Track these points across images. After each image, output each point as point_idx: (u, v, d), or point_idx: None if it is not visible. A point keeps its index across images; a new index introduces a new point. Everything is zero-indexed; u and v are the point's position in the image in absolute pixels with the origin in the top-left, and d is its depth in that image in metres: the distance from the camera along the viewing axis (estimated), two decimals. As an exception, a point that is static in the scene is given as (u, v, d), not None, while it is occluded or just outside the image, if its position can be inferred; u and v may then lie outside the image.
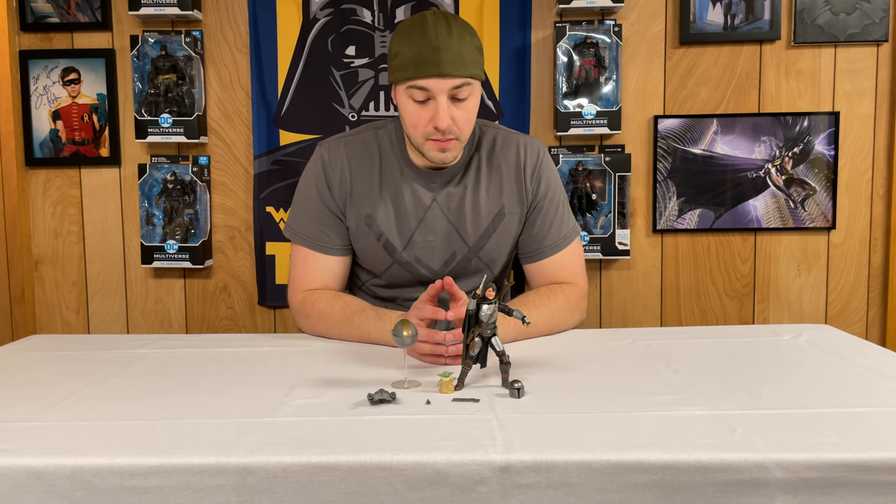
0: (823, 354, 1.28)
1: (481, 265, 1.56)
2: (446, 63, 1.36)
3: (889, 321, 2.24)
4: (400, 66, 1.39)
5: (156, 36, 2.20)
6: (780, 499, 0.83)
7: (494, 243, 1.54)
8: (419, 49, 1.36)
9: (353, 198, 1.52)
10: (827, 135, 2.19)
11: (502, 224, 1.54)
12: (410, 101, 1.41)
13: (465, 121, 1.42)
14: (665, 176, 2.22)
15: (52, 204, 2.30)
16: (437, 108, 1.38)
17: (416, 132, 1.43)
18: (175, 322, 2.33)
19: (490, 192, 1.53)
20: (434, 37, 1.36)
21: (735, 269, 2.26)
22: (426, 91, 1.38)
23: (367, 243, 1.53)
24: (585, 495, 0.83)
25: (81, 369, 1.24)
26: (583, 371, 1.19)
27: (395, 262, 1.53)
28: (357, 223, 1.52)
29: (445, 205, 1.52)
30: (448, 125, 1.39)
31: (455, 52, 1.36)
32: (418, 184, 1.52)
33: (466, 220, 1.52)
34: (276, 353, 1.34)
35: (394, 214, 1.52)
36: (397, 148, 1.53)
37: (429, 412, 0.99)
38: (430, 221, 1.52)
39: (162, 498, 0.83)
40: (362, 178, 1.52)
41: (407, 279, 1.55)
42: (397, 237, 1.52)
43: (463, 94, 1.39)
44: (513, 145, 1.55)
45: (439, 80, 1.36)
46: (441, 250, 1.53)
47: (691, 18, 2.17)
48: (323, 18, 2.21)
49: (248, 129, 2.27)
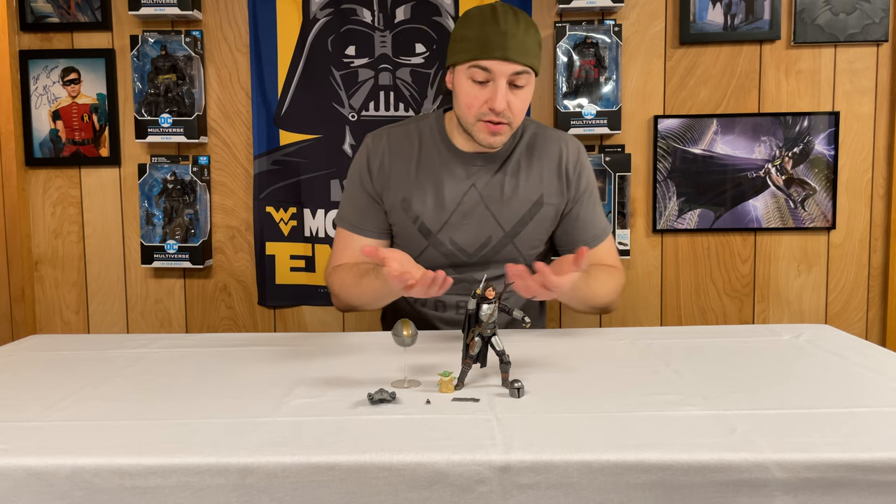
0: (823, 354, 1.28)
1: (515, 253, 1.60)
2: (512, 48, 1.43)
3: (889, 321, 2.24)
4: (464, 48, 1.46)
5: (156, 36, 2.20)
6: (780, 499, 0.83)
7: (530, 231, 1.59)
8: (487, 32, 1.44)
9: (391, 182, 1.58)
10: (827, 135, 2.19)
11: (539, 213, 1.59)
12: (469, 82, 1.47)
13: (518, 108, 1.49)
14: (665, 176, 2.22)
15: (52, 204, 2.30)
16: (496, 90, 1.44)
17: (469, 112, 1.48)
18: (175, 322, 2.33)
19: (530, 180, 1.58)
20: (503, 23, 1.44)
21: (735, 269, 2.26)
22: (488, 72, 1.44)
23: (404, 226, 1.59)
24: (585, 495, 0.83)
25: (81, 369, 1.24)
26: (583, 371, 1.19)
27: (429, 244, 1.58)
28: (393, 206, 1.58)
29: (483, 189, 1.57)
30: (504, 108, 1.45)
31: (520, 40, 1.43)
32: (458, 168, 1.57)
33: (504, 206, 1.57)
34: (276, 353, 1.34)
35: (431, 197, 1.57)
36: (438, 135, 1.60)
37: (429, 412, 0.99)
38: (467, 205, 1.57)
39: (162, 498, 0.83)
40: (401, 164, 1.59)
41: (441, 262, 1.58)
42: (433, 220, 1.57)
43: (521, 82, 1.46)
44: (554, 141, 1.62)
45: (503, 63, 1.43)
46: (476, 234, 1.58)
47: (691, 18, 2.17)
48: (323, 18, 2.21)
49: (248, 129, 2.27)
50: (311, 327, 2.32)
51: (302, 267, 2.28)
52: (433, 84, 2.20)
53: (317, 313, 2.32)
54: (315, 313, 2.32)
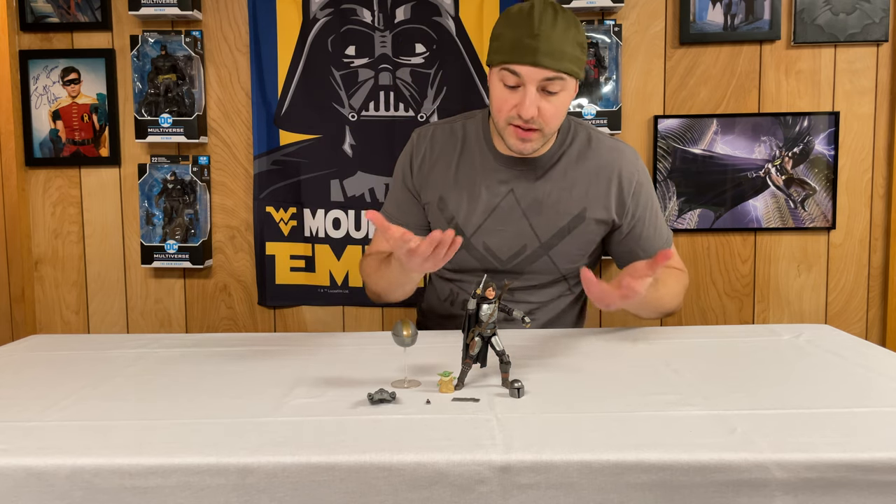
0: (823, 354, 1.28)
1: (550, 265, 1.54)
2: (543, 53, 1.35)
3: (889, 321, 2.24)
4: (498, 49, 1.40)
5: (156, 36, 2.20)
6: (780, 499, 0.83)
7: (568, 244, 1.53)
8: (519, 34, 1.36)
9: (430, 180, 1.56)
10: (827, 135, 2.19)
11: (580, 227, 1.52)
12: (500, 85, 1.41)
13: (552, 115, 1.41)
14: (665, 176, 2.22)
15: (52, 204, 2.30)
16: (525, 95, 1.37)
17: (499, 116, 1.43)
18: (175, 322, 2.33)
19: (574, 192, 1.51)
20: (537, 24, 1.35)
21: (735, 269, 2.26)
22: (517, 77, 1.37)
23: (439, 225, 1.55)
24: (585, 495, 0.83)
25: (81, 369, 1.24)
26: (583, 371, 1.19)
27: (462, 247, 1.52)
28: (430, 204, 1.57)
29: (522, 196, 1.52)
30: (532, 115, 1.38)
31: (554, 44, 1.35)
32: (497, 172, 1.52)
33: (541, 216, 1.51)
34: (276, 353, 1.34)
35: (467, 200, 1.53)
36: (482, 136, 1.55)
37: (429, 412, 0.99)
38: (504, 211, 1.52)
39: (162, 498, 0.83)
40: (442, 163, 1.56)
41: (474, 265, 1.55)
42: (467, 222, 1.54)
43: (554, 88, 1.38)
44: (609, 151, 1.53)
45: (532, 68, 1.36)
46: (511, 242, 1.53)
47: (691, 18, 2.17)
48: (323, 18, 2.21)
49: (248, 129, 2.27)
50: (311, 327, 2.32)
51: (302, 267, 2.29)
52: (433, 84, 2.20)
53: (317, 313, 2.32)
54: (315, 313, 2.32)
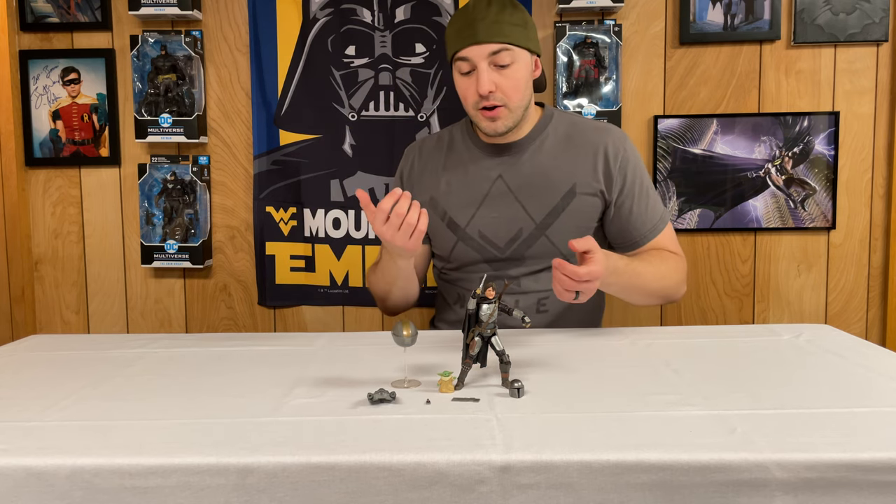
0: (823, 354, 1.28)
1: (549, 246, 1.54)
2: (482, 30, 1.44)
3: (889, 321, 2.24)
4: (448, 44, 1.50)
5: (156, 36, 2.20)
6: (780, 499, 0.83)
7: (564, 222, 1.54)
8: (461, 25, 1.47)
9: (421, 184, 1.62)
10: (827, 135, 2.19)
11: (573, 203, 1.54)
12: (459, 75, 1.50)
13: (510, 87, 1.47)
14: (665, 176, 2.22)
15: (52, 204, 2.30)
16: (479, 74, 1.45)
17: (467, 105, 1.51)
18: (175, 322, 2.33)
19: (562, 169, 1.55)
20: (472, 11, 1.46)
21: (735, 269, 2.26)
22: (468, 61, 1.46)
23: (434, 224, 1.59)
24: (585, 495, 0.83)
25: (81, 369, 1.24)
26: (583, 371, 1.19)
27: (459, 239, 1.57)
28: (423, 207, 1.59)
29: (511, 180, 1.55)
30: (490, 90, 1.45)
31: (491, 22, 1.44)
32: (484, 161, 1.58)
33: (533, 197, 1.54)
34: (276, 353, 1.34)
35: (457, 192, 1.58)
36: (466, 134, 1.62)
37: (429, 412, 0.99)
38: (495, 197, 1.55)
39: (161, 498, 0.83)
40: (431, 167, 1.63)
41: (473, 257, 1.57)
42: (460, 214, 1.58)
43: (503, 61, 1.45)
44: (595, 131, 1.60)
45: (475, 46, 1.44)
46: (506, 227, 1.55)
47: (691, 18, 2.17)
48: (323, 18, 2.21)
49: (248, 128, 2.27)
50: (311, 327, 2.32)
51: (302, 267, 2.29)
52: (433, 84, 2.20)
53: (317, 313, 2.32)
54: (315, 313, 2.32)
